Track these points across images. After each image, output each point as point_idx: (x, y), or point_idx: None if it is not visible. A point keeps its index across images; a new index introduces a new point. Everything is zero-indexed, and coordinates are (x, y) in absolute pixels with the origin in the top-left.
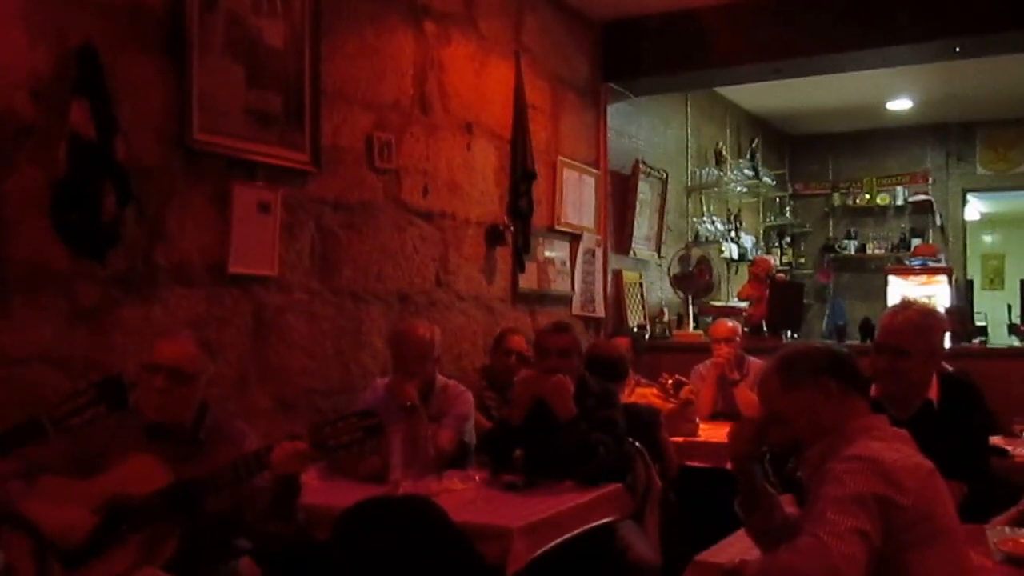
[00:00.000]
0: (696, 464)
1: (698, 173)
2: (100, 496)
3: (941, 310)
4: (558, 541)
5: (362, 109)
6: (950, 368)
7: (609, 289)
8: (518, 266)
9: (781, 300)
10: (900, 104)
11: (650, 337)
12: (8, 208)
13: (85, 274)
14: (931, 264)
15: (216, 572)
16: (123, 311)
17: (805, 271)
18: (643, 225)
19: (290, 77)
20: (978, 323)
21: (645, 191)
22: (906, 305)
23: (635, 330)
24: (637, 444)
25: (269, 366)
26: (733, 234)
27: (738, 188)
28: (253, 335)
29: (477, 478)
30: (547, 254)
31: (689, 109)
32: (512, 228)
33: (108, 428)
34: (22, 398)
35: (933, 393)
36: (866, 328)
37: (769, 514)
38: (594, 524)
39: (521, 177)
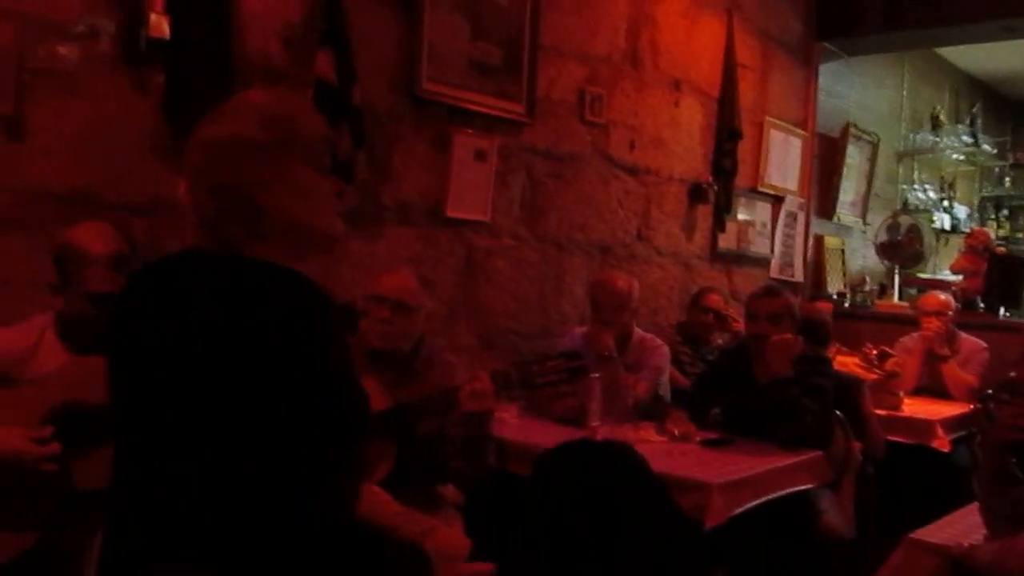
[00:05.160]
0: (897, 439)
1: (911, 138)
2: None
3: None
4: (758, 501)
5: (576, 63)
6: None
7: (809, 254)
8: (718, 225)
9: (1000, 275)
10: None
11: (850, 305)
12: None
13: None
14: None
15: (423, 494)
16: (351, 245)
17: (1022, 246)
18: (849, 190)
19: (511, 31)
20: None
21: (853, 155)
22: None
23: (834, 297)
24: (838, 413)
25: (476, 305)
26: (946, 204)
27: (954, 155)
28: (463, 275)
29: (677, 432)
30: (748, 215)
31: (905, 70)
32: (715, 187)
33: None
34: None
35: None
36: None
37: (1012, 501)
38: (792, 489)
39: (727, 136)
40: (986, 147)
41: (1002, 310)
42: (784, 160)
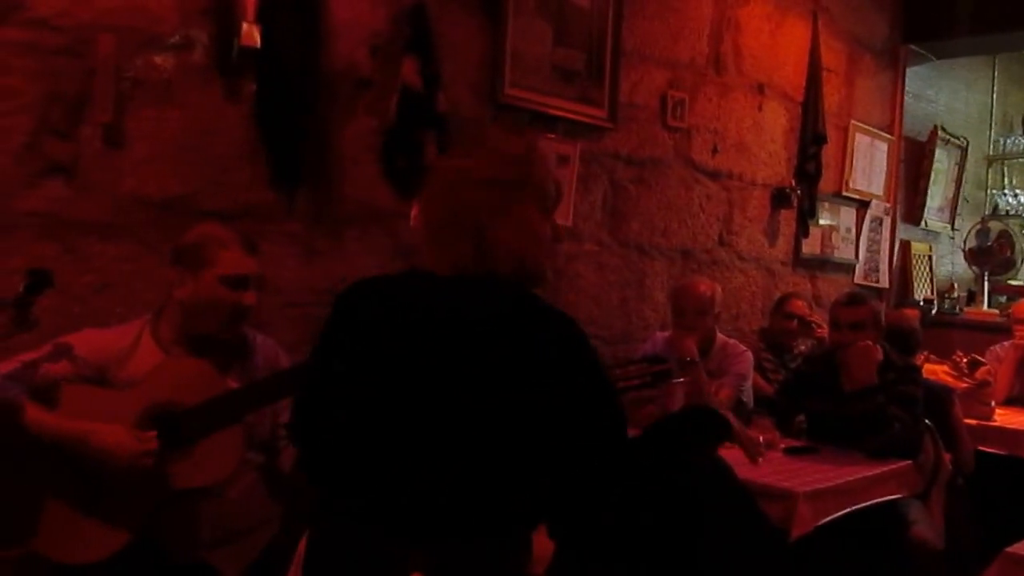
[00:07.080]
0: (988, 449)
1: (1002, 142)
2: None
3: None
4: (845, 511)
5: (658, 67)
6: None
7: (895, 259)
8: (802, 230)
9: None
10: None
11: (937, 312)
12: (347, 152)
13: (407, 214)
14: None
15: None
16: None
17: None
18: (937, 195)
19: (593, 36)
20: None
21: (941, 159)
22: None
23: (921, 304)
24: (927, 422)
25: None
26: None
27: None
28: None
29: (761, 439)
30: (832, 220)
31: (996, 73)
32: (798, 191)
33: None
34: None
35: None
36: None
37: None
38: (881, 499)
39: (811, 140)
40: None
41: None
42: (870, 164)
